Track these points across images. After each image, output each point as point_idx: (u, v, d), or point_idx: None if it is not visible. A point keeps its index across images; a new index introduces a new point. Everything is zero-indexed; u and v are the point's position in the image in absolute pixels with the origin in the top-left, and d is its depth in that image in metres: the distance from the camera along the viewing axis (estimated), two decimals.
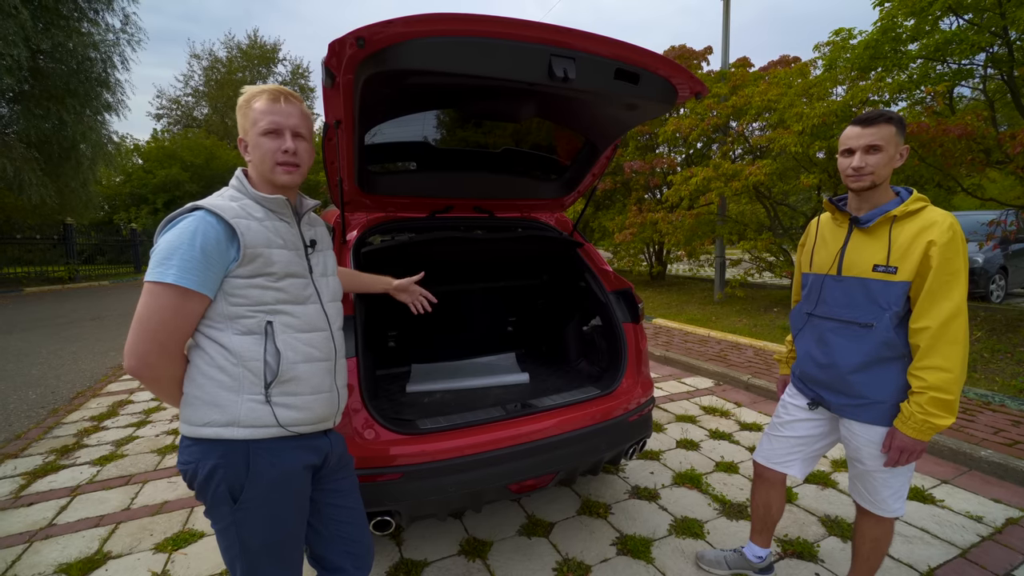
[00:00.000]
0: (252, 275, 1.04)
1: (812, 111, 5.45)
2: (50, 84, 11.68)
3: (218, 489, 1.02)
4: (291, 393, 1.08)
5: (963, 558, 1.97)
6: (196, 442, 1.03)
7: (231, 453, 1.02)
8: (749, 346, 5.27)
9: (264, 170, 1.10)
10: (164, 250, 0.97)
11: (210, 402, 1.02)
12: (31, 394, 4.27)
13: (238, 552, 1.05)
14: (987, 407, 3.34)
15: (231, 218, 1.02)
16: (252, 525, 1.04)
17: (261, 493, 1.04)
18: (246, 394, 1.03)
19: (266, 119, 1.08)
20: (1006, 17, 4.42)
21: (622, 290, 2.31)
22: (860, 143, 1.39)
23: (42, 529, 2.25)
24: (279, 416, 1.06)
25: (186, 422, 1.04)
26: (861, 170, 1.40)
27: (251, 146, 1.10)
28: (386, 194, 2.24)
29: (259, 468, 1.04)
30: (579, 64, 1.46)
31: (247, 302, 1.04)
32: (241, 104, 1.11)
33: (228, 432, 1.02)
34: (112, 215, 21.58)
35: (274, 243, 1.08)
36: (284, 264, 1.09)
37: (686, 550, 2.05)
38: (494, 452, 1.70)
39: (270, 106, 1.08)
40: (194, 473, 1.03)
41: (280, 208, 1.12)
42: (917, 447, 1.37)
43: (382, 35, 1.23)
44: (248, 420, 1.03)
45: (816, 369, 1.57)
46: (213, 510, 1.05)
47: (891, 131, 1.38)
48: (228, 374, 1.02)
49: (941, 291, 1.31)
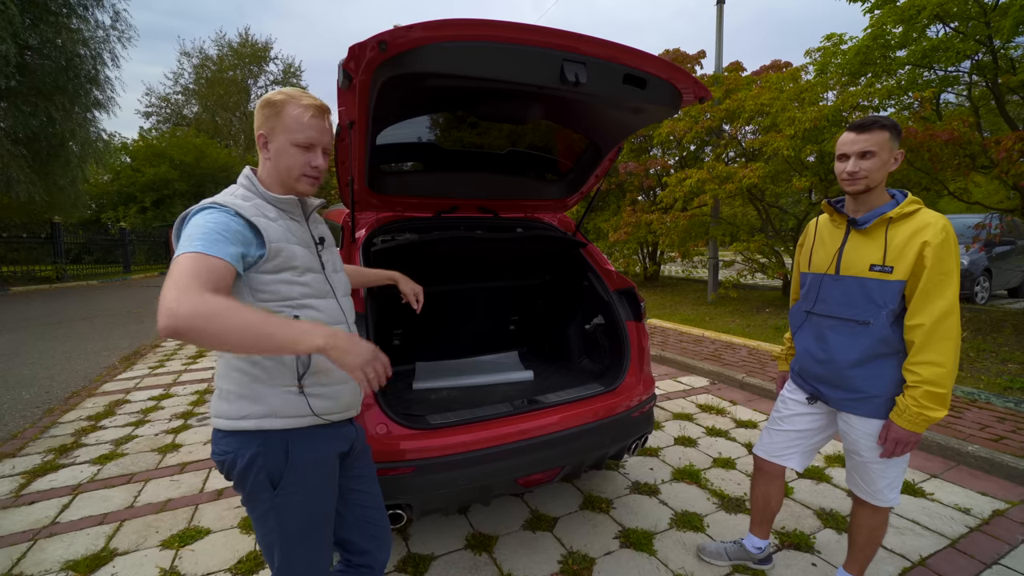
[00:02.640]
0: (278, 270, 1.07)
1: (804, 115, 5.56)
2: (38, 81, 11.51)
3: (258, 476, 1.05)
4: (322, 383, 1.11)
5: (953, 548, 2.05)
6: (232, 434, 1.06)
7: (270, 442, 1.06)
8: (743, 346, 5.36)
9: (287, 178, 1.12)
10: (187, 234, 0.97)
11: (246, 396, 1.05)
12: (24, 394, 4.22)
13: (276, 537, 1.09)
14: (973, 404, 3.44)
15: (251, 216, 1.04)
16: (290, 510, 1.08)
17: (299, 479, 1.08)
18: (281, 386, 1.06)
19: (304, 133, 1.08)
20: (991, 26, 4.56)
21: (625, 289, 2.36)
22: (854, 148, 1.47)
23: (45, 527, 2.25)
24: (313, 406, 1.09)
25: (222, 416, 1.06)
26: (855, 174, 1.47)
27: (278, 151, 1.10)
28: (394, 194, 2.27)
29: (297, 455, 1.07)
30: (590, 69, 1.51)
31: (275, 297, 1.06)
32: (275, 102, 1.09)
33: (267, 423, 1.05)
34: (100, 214, 21.27)
35: (291, 240, 1.11)
36: (303, 259, 1.12)
37: (687, 542, 2.10)
38: (503, 447, 1.74)
39: (311, 121, 1.09)
40: (232, 463, 1.06)
41: (292, 208, 1.15)
42: (912, 439, 1.44)
43: (403, 39, 1.27)
44: (285, 411, 1.06)
45: (815, 365, 1.63)
46: (252, 497, 1.08)
47: (884, 137, 1.44)
48: (262, 368, 1.05)
49: (935, 290, 1.37)
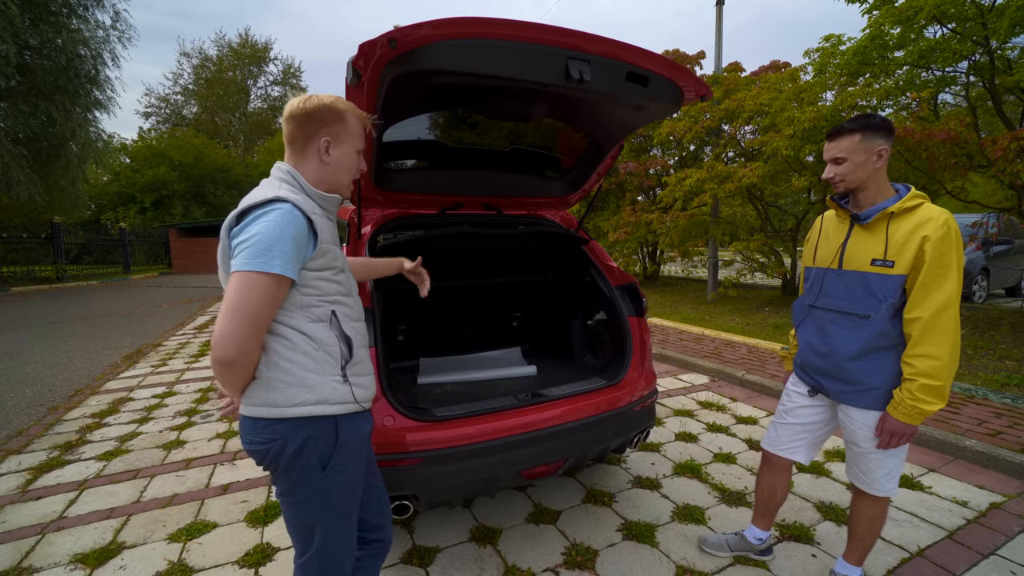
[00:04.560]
0: (321, 268, 1.13)
1: (803, 115, 5.60)
2: (39, 81, 11.54)
3: (310, 458, 1.10)
4: (359, 374, 1.21)
5: (950, 539, 2.08)
6: (280, 421, 1.09)
7: (322, 426, 1.12)
8: (742, 344, 5.39)
9: (342, 180, 1.21)
10: (263, 241, 1.00)
11: (299, 384, 1.09)
12: (28, 392, 4.24)
13: (320, 516, 1.15)
14: (971, 400, 3.48)
15: (310, 214, 1.09)
16: (337, 488, 1.15)
17: (345, 459, 1.15)
18: (328, 375, 1.13)
19: (364, 142, 1.22)
20: (988, 27, 4.59)
21: (627, 285, 2.39)
22: (828, 156, 1.56)
23: (53, 521, 2.27)
24: (356, 394, 1.18)
25: (269, 405, 1.08)
26: (832, 179, 1.56)
27: (343, 155, 1.19)
28: (399, 191, 2.30)
29: (344, 437, 1.15)
30: (594, 67, 1.54)
31: (317, 292, 1.12)
32: (338, 109, 1.16)
33: (320, 409, 1.11)
34: (99, 214, 21.28)
35: (335, 240, 1.19)
36: (341, 259, 1.20)
37: (689, 535, 2.13)
38: (508, 439, 1.77)
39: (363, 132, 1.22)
40: (281, 449, 1.08)
41: (334, 207, 1.22)
42: (907, 431, 1.46)
43: (413, 37, 1.30)
44: (334, 398, 1.13)
45: (816, 358, 1.66)
46: (300, 480, 1.12)
47: (854, 140, 1.49)
48: (312, 358, 1.11)
49: (934, 284, 1.40)
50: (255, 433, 1.10)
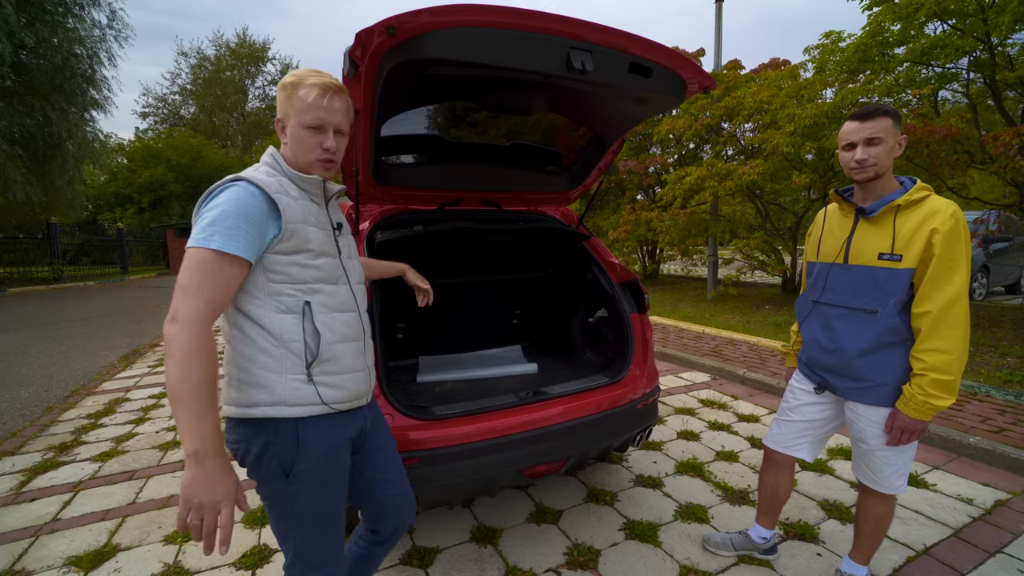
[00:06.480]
0: (292, 251, 1.06)
1: (803, 112, 5.58)
2: (34, 80, 11.47)
3: (270, 465, 1.04)
4: (330, 372, 1.10)
5: (956, 537, 2.05)
6: (242, 423, 1.04)
7: (281, 431, 1.04)
8: (743, 342, 5.37)
9: (303, 162, 1.12)
10: (207, 218, 0.97)
11: (256, 384, 1.03)
12: (23, 393, 4.20)
13: (292, 525, 1.08)
14: (974, 397, 3.45)
15: (272, 193, 1.04)
16: (304, 497, 1.07)
17: (311, 467, 1.06)
18: (289, 374, 1.05)
19: (311, 114, 1.07)
20: (988, 23, 4.58)
21: (628, 281, 2.36)
22: (860, 136, 1.46)
23: (47, 523, 2.23)
24: (322, 394, 1.08)
25: (232, 404, 1.05)
26: (864, 162, 1.46)
27: (292, 135, 1.10)
28: (398, 186, 2.27)
29: (308, 443, 1.06)
30: (596, 57, 1.51)
31: (288, 279, 1.06)
32: (287, 85, 1.09)
33: (276, 411, 1.03)
34: (96, 215, 21.22)
35: (308, 220, 1.10)
36: (319, 242, 1.11)
37: (692, 534, 2.10)
38: (509, 437, 1.74)
39: (317, 101, 1.07)
40: (245, 452, 1.04)
41: (314, 188, 1.15)
42: (918, 427, 1.43)
43: (411, 24, 1.27)
44: (294, 399, 1.05)
45: (822, 354, 1.63)
46: (266, 486, 1.07)
47: (888, 123, 1.44)
48: (270, 356, 1.04)
49: (943, 277, 1.37)
50: (228, 432, 1.07)
